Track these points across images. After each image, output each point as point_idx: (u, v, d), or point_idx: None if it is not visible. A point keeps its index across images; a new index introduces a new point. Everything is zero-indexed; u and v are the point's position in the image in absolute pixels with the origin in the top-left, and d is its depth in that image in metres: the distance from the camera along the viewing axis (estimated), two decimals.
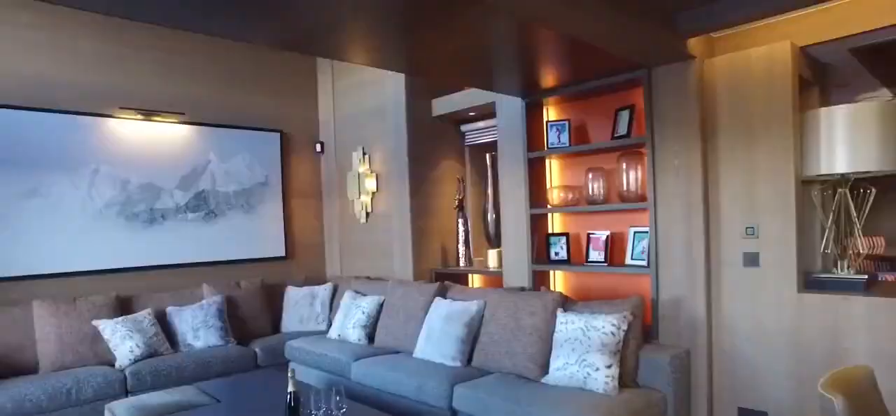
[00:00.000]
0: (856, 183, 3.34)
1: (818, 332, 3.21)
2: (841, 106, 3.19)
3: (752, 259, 3.41)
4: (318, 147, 6.18)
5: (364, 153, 5.69)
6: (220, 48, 5.45)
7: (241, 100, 5.66)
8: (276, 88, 5.92)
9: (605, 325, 3.31)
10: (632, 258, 3.83)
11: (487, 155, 4.95)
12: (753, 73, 3.36)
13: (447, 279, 4.85)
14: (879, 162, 3.09)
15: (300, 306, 5.35)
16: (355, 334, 4.63)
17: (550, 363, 3.46)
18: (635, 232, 3.82)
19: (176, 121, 5.19)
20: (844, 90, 4.82)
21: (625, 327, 3.31)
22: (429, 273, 5.17)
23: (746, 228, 3.42)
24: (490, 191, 4.93)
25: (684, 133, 3.51)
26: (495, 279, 4.76)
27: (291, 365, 4.63)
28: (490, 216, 4.93)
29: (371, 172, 5.64)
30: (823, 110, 3.23)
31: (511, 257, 4.44)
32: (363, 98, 5.72)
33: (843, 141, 3.15)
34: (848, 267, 3.33)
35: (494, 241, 4.89)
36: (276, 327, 5.36)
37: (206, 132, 5.39)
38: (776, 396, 3.35)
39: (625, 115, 3.81)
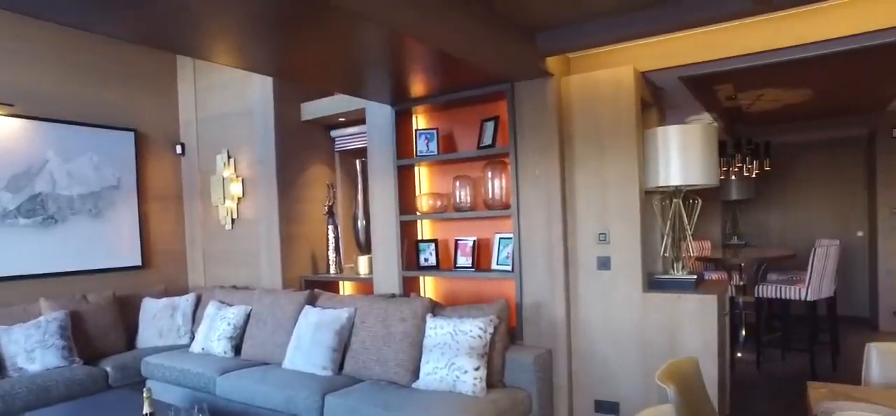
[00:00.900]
0: (687, 194, 3.77)
1: (659, 327, 3.58)
2: (673, 126, 3.59)
3: (604, 263, 3.73)
4: (179, 148, 5.80)
5: (229, 157, 5.44)
6: (64, 34, 4.93)
7: (88, 94, 5.16)
8: (131, 83, 5.47)
9: (473, 329, 3.44)
10: (497, 263, 4.02)
11: (358, 161, 4.94)
12: (603, 92, 3.68)
13: (317, 287, 4.78)
14: (703, 176, 3.52)
15: (159, 318, 4.99)
16: (221, 347, 4.41)
17: (421, 367, 3.54)
18: (500, 238, 4.02)
19: (3, 113, 4.61)
20: (677, 112, 5.43)
21: (491, 330, 3.47)
22: (298, 281, 5.05)
23: (599, 234, 3.72)
24: (360, 197, 4.92)
25: (544, 145, 3.74)
26: (366, 286, 4.76)
27: (148, 384, 4.32)
28: (360, 223, 4.93)
29: (237, 176, 5.40)
30: (660, 129, 3.61)
31: (381, 263, 4.47)
32: (228, 99, 5.46)
33: (676, 157, 3.54)
34: (682, 268, 3.74)
35: (365, 247, 4.90)
36: (131, 342, 4.95)
37: (43, 128, 4.84)
38: (626, 387, 3.69)
39: (490, 125, 3.99)
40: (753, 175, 7.26)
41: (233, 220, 5.46)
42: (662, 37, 3.62)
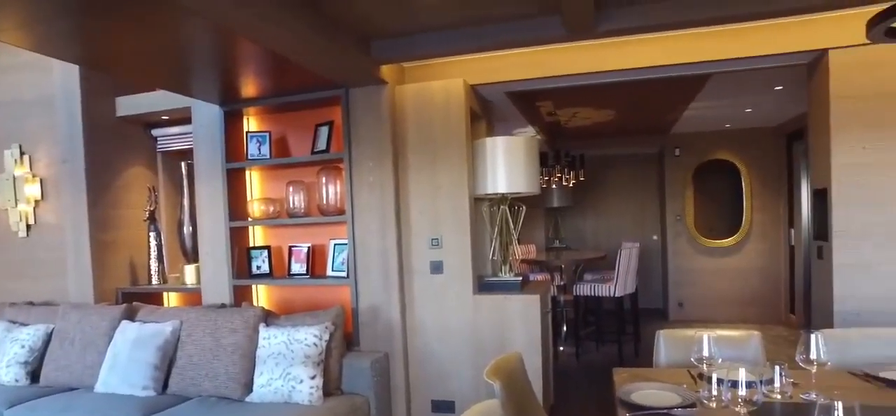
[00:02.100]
0: (513, 201, 4.06)
1: (489, 327, 3.81)
2: (500, 137, 3.86)
3: (437, 267, 3.87)
4: None
5: (22, 153, 4.76)
6: None
7: None
8: None
9: (308, 337, 3.38)
10: (333, 270, 3.99)
11: (183, 163, 4.61)
12: (436, 103, 3.84)
13: (137, 300, 4.36)
14: (527, 185, 3.83)
15: None
16: (11, 374, 3.85)
17: (254, 380, 3.39)
18: (335, 244, 3.99)
19: None
20: (504, 124, 5.82)
21: (327, 337, 3.44)
22: (114, 294, 4.56)
23: (432, 239, 3.86)
24: (186, 202, 4.59)
25: (378, 151, 3.80)
26: (194, 297, 4.45)
27: None
28: (187, 229, 4.60)
29: (33, 176, 4.74)
30: (488, 140, 3.86)
31: (210, 272, 4.21)
32: (20, 84, 4.75)
33: (503, 166, 3.80)
34: (509, 271, 4.01)
35: (192, 256, 4.58)
36: None
37: None
38: (460, 386, 3.86)
39: (324, 130, 3.95)
40: (571, 184, 8.00)
41: (28, 226, 4.78)
42: (491, 54, 3.88)
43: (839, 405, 1.37)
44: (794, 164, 6.85)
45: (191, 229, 4.57)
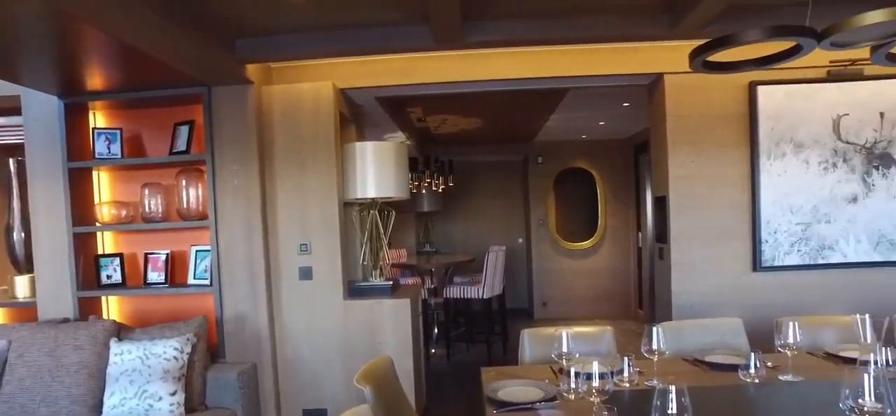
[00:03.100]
0: (382, 206, 4.08)
1: (360, 332, 3.79)
2: (369, 142, 3.87)
3: (306, 273, 3.79)
4: None
5: None
6: None
7: None
8: None
9: (167, 350, 3.16)
10: (195, 278, 3.76)
11: (11, 160, 4.08)
12: (304, 105, 3.76)
13: None
14: (396, 189, 3.86)
15: None
16: None
17: (104, 401, 3.10)
18: (198, 251, 3.77)
19: None
20: (375, 129, 5.84)
21: (189, 349, 3.23)
22: None
23: (301, 245, 3.78)
24: (16, 204, 4.07)
25: (244, 154, 3.65)
26: (27, 312, 3.96)
27: None
28: (17, 235, 4.08)
29: None
30: (358, 144, 3.85)
31: (48, 283, 3.78)
32: None
33: (373, 171, 3.81)
34: (380, 275, 4.02)
35: (25, 265, 4.08)
36: None
37: None
38: (332, 393, 3.80)
39: (184, 130, 3.72)
40: (440, 190, 8.19)
41: None
42: (361, 58, 3.87)
43: (673, 389, 1.53)
44: (641, 173, 7.55)
45: (23, 235, 4.06)
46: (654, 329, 2.27)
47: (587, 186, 8.37)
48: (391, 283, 3.95)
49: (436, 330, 6.89)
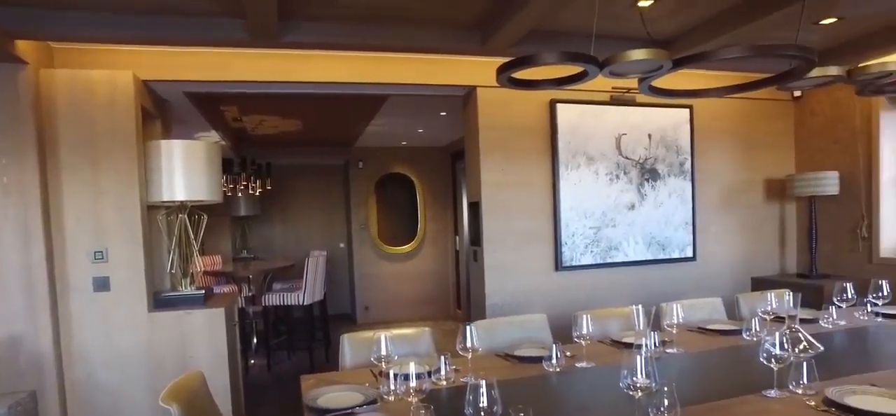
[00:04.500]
0: (193, 209, 3.80)
1: (169, 346, 3.48)
2: (176, 141, 3.56)
3: (102, 284, 3.39)
4: None
5: None
6: None
7: None
8: None
9: None
10: None
11: None
12: (97, 95, 3.36)
13: None
14: (208, 192, 3.62)
15: None
16: None
17: None
18: None
19: None
20: (185, 127, 5.42)
21: None
22: None
23: (95, 252, 3.37)
24: None
25: (15, 146, 3.15)
26: None
27: None
28: None
29: None
30: (164, 142, 3.53)
31: None
32: None
33: (181, 172, 3.52)
34: (190, 284, 3.73)
35: None
36: None
37: None
38: (138, 414, 3.42)
39: None
40: (258, 193, 7.83)
41: None
42: (168, 48, 3.57)
43: (483, 383, 1.64)
44: (458, 180, 7.95)
45: None
46: (468, 328, 2.41)
47: (408, 191, 8.58)
48: (204, 292, 3.68)
49: (255, 340, 6.57)
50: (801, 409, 1.84)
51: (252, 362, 6.19)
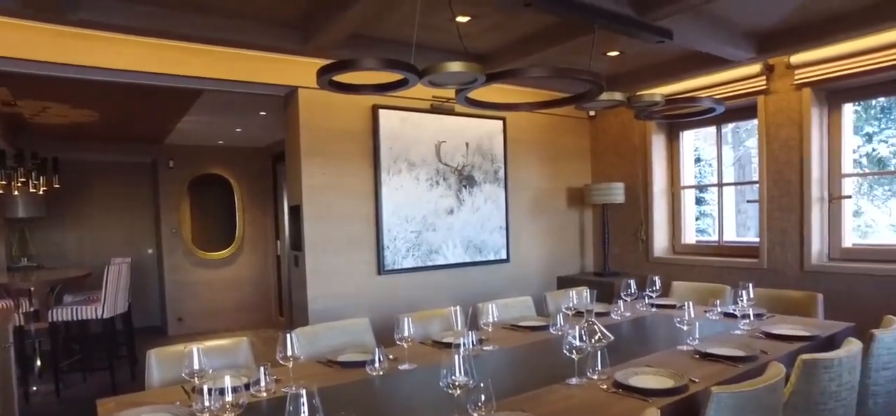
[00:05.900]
0: None
1: None
2: None
3: None
4: None
5: None
6: None
7: None
8: None
9: None
10: None
11: None
12: None
13: None
14: None
15: None
16: None
17: None
18: None
19: None
20: None
21: None
22: None
23: None
24: None
25: None
26: None
27: None
28: None
29: None
30: None
31: None
32: None
33: None
34: None
35: None
36: None
37: None
38: None
39: None
40: (41, 192, 6.83)
41: None
42: None
43: (303, 392, 1.62)
44: (278, 182, 7.68)
45: None
46: (289, 336, 2.35)
47: (225, 193, 8.09)
48: None
49: (38, 363, 5.71)
50: (596, 392, 2.10)
51: (34, 388, 5.38)
